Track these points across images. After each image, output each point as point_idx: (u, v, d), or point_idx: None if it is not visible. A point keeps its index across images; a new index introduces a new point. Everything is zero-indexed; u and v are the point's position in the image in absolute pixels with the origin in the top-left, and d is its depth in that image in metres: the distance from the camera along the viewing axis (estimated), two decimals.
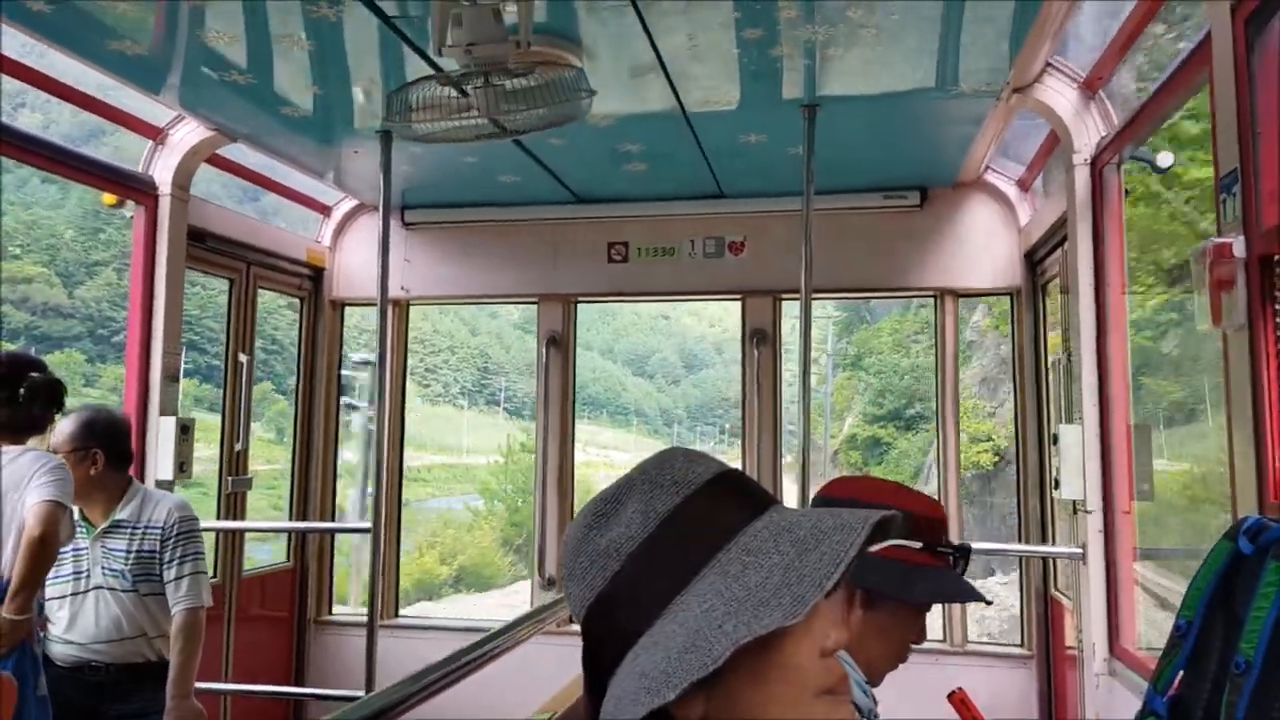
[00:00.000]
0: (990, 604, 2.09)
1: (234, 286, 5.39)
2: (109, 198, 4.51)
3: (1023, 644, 5.16)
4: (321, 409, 6.04)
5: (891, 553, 1.65)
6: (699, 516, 0.92)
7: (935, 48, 3.47)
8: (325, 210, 6.10)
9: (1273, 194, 2.40)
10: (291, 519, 6.02)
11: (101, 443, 3.47)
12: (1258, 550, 1.59)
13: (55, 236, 36.95)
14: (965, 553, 1.72)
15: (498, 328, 56.75)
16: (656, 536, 0.92)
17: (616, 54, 3.55)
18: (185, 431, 4.56)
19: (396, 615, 6.02)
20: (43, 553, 2.97)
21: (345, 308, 6.22)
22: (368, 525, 4.65)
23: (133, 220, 4.60)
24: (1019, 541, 5.38)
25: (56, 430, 3.43)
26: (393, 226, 5.08)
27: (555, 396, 5.86)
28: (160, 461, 4.48)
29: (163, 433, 4.50)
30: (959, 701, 1.85)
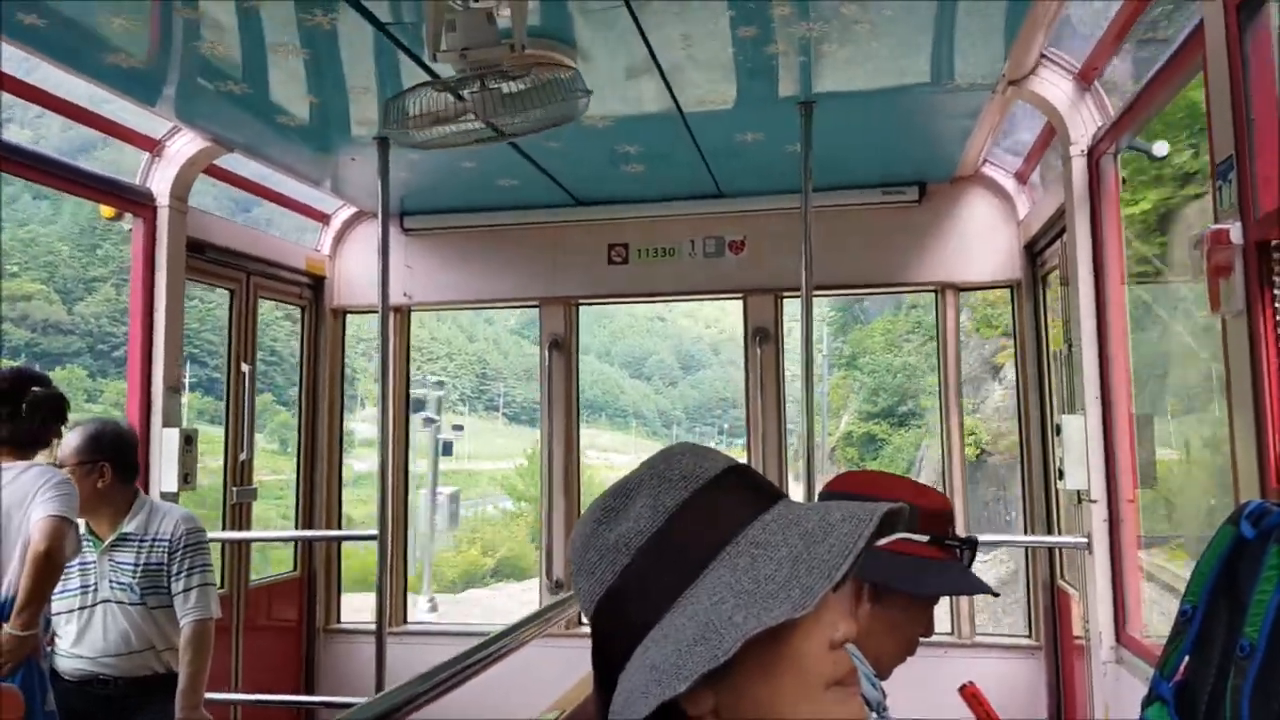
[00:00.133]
0: (998, 595, 2.09)
1: (234, 297, 5.40)
2: (107, 210, 4.52)
3: (1030, 635, 5.15)
4: (325, 417, 6.04)
5: (898, 546, 1.65)
6: (707, 510, 0.93)
7: (930, 42, 3.48)
8: (324, 219, 6.11)
9: (1269, 179, 2.40)
10: (298, 528, 6.02)
11: (109, 455, 3.46)
12: (1260, 534, 1.59)
13: (53, 253, 37.02)
14: (972, 545, 1.72)
15: (495, 334, 56.85)
16: (665, 530, 0.92)
17: (611, 55, 3.56)
18: (189, 443, 4.56)
19: (405, 622, 6.02)
20: (48, 568, 2.97)
21: (346, 316, 6.22)
22: (374, 533, 4.66)
23: (131, 234, 4.61)
24: (1025, 533, 5.38)
25: (63, 443, 3.42)
26: (392, 233, 5.08)
27: (559, 400, 5.86)
28: (164, 473, 4.48)
29: (166, 444, 4.50)
30: (970, 695, 1.85)
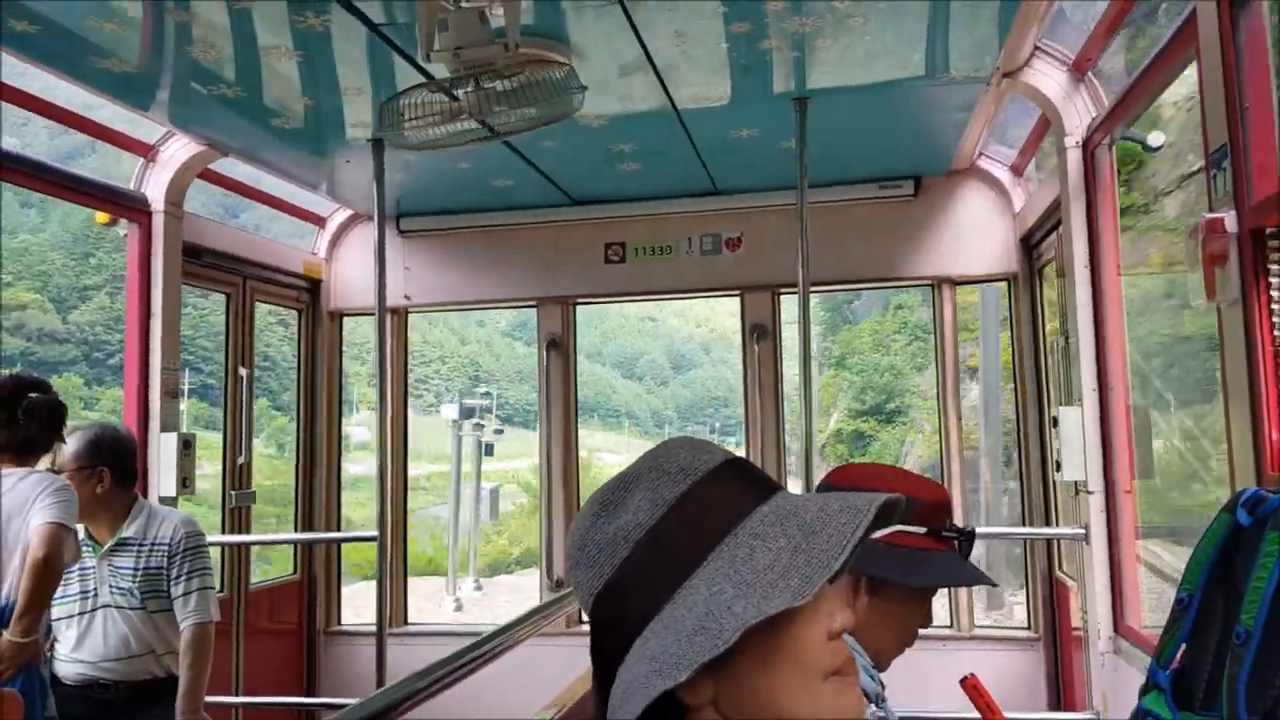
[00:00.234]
0: (996, 585, 2.09)
1: (231, 301, 5.40)
2: (102, 216, 4.51)
3: (1029, 626, 5.16)
4: (324, 420, 6.04)
5: (895, 539, 1.65)
6: (706, 502, 0.93)
7: (923, 35, 3.47)
8: (320, 222, 6.10)
9: (1262, 168, 2.40)
10: (297, 530, 6.02)
11: (108, 461, 3.46)
12: (1256, 522, 1.59)
13: (46, 262, 37.07)
14: (969, 537, 1.72)
15: (486, 336, 56.89)
16: (664, 523, 0.92)
17: (605, 53, 3.55)
18: (187, 447, 4.56)
19: (406, 623, 6.02)
20: (47, 575, 2.96)
21: (343, 318, 6.22)
22: (374, 534, 4.66)
23: (125, 240, 4.61)
24: (1023, 524, 5.39)
25: (63, 449, 3.43)
26: (389, 235, 5.08)
27: (557, 399, 5.86)
28: (163, 478, 4.48)
29: (164, 449, 4.50)
30: (971, 688, 1.84)
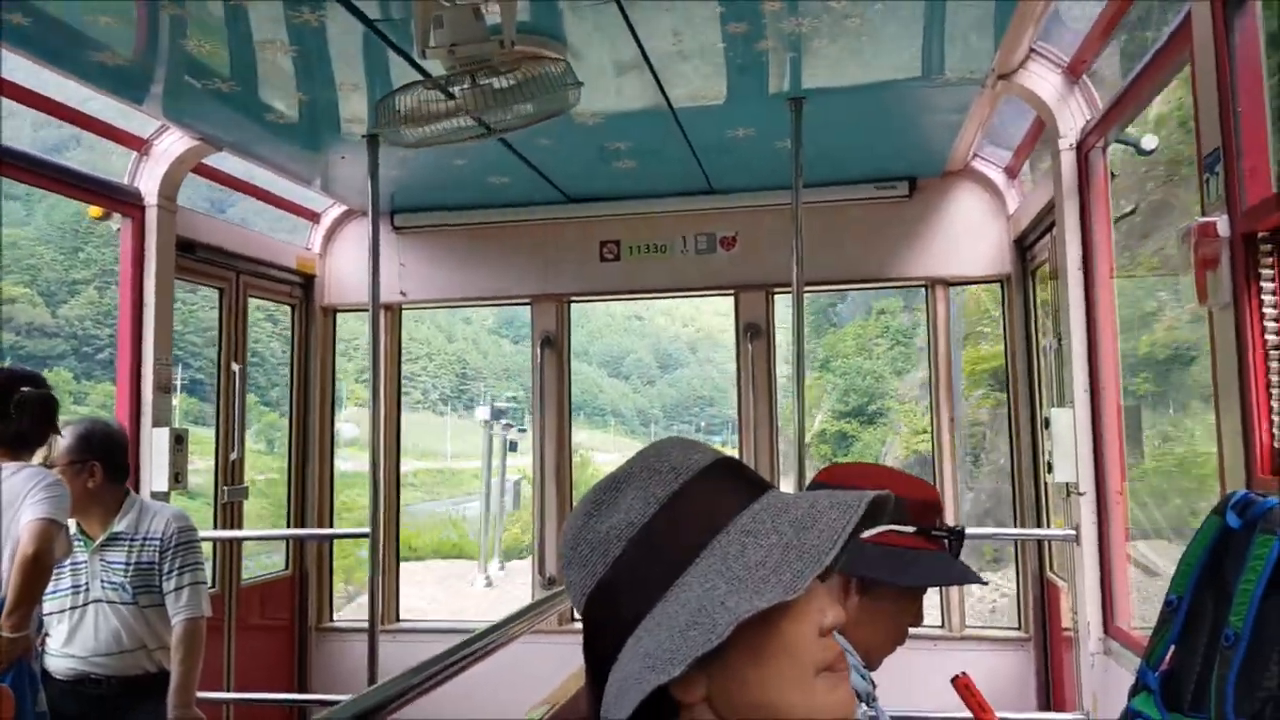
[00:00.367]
0: (986, 584, 2.09)
1: (224, 296, 5.39)
2: (95, 210, 4.49)
3: (1020, 627, 5.17)
4: (316, 416, 6.03)
5: (885, 538, 1.65)
6: (698, 501, 0.94)
7: (919, 36, 3.48)
8: (314, 217, 6.09)
9: (1255, 172, 2.41)
10: (289, 526, 6.02)
11: (99, 455, 3.45)
12: (1245, 524, 1.60)
13: (35, 257, 37.02)
14: (959, 536, 1.72)
15: (473, 333, 56.94)
16: (657, 521, 0.93)
17: (601, 51, 3.55)
18: (179, 442, 4.54)
19: (397, 620, 6.02)
20: (36, 571, 2.96)
21: (336, 314, 6.21)
22: (366, 530, 4.65)
23: (118, 234, 4.59)
24: (1014, 525, 5.40)
25: (56, 443, 3.42)
26: (383, 231, 5.07)
27: (550, 396, 5.86)
28: (155, 473, 4.47)
29: (156, 444, 4.49)
30: (963, 686, 1.85)
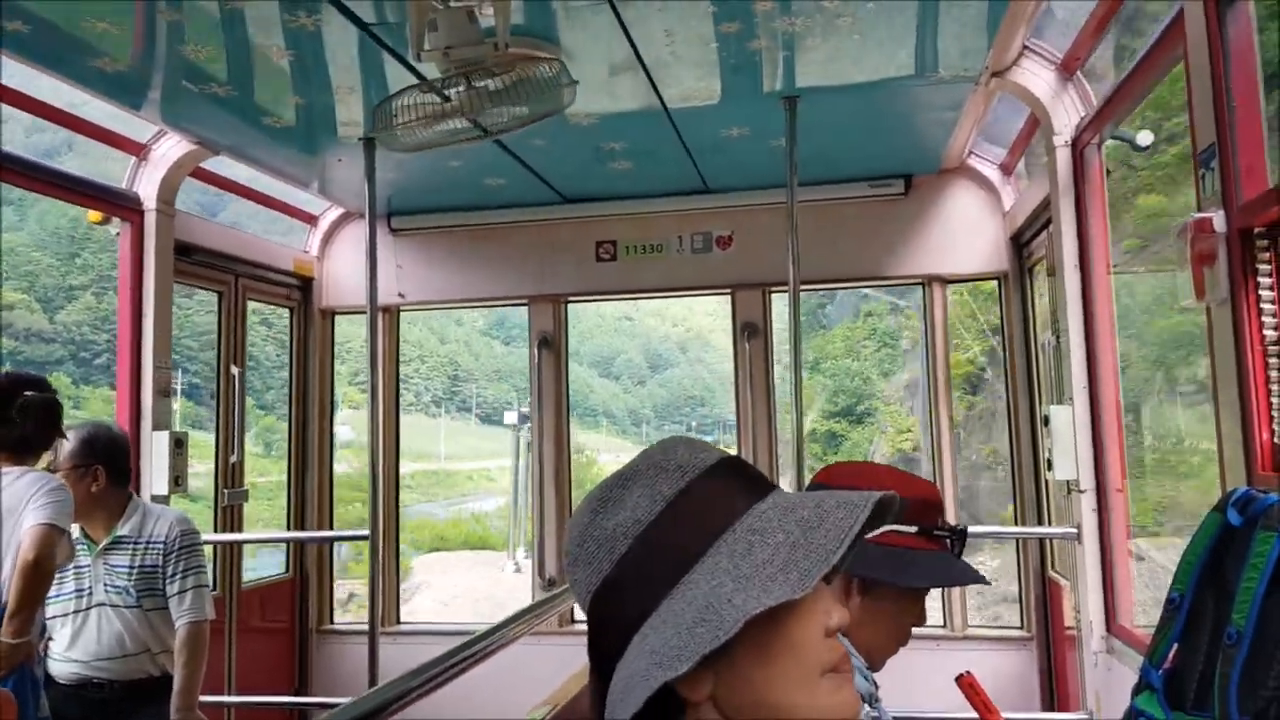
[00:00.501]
0: (990, 584, 2.09)
1: (222, 299, 5.39)
2: (94, 215, 4.50)
3: (1022, 625, 5.17)
4: (315, 419, 6.03)
5: (886, 539, 1.64)
6: (704, 499, 0.94)
7: (912, 34, 3.49)
8: (312, 220, 6.09)
9: (1251, 167, 2.41)
10: (289, 529, 6.01)
11: (102, 459, 3.46)
12: (1246, 521, 1.60)
13: (33, 263, 37.03)
14: (961, 535, 1.71)
15: (465, 335, 56.95)
16: (663, 519, 0.93)
17: (595, 53, 3.56)
18: (179, 446, 4.55)
19: (398, 622, 6.02)
20: (36, 577, 2.95)
21: (335, 317, 6.21)
22: (365, 533, 4.66)
23: (109, 240, 4.59)
24: (1014, 523, 5.40)
25: (61, 447, 3.42)
26: (380, 233, 5.07)
27: (549, 397, 5.87)
28: (155, 476, 4.47)
29: (156, 447, 4.49)
30: (967, 685, 1.84)
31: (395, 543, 6.17)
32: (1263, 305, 2.31)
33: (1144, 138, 4.18)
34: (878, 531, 1.62)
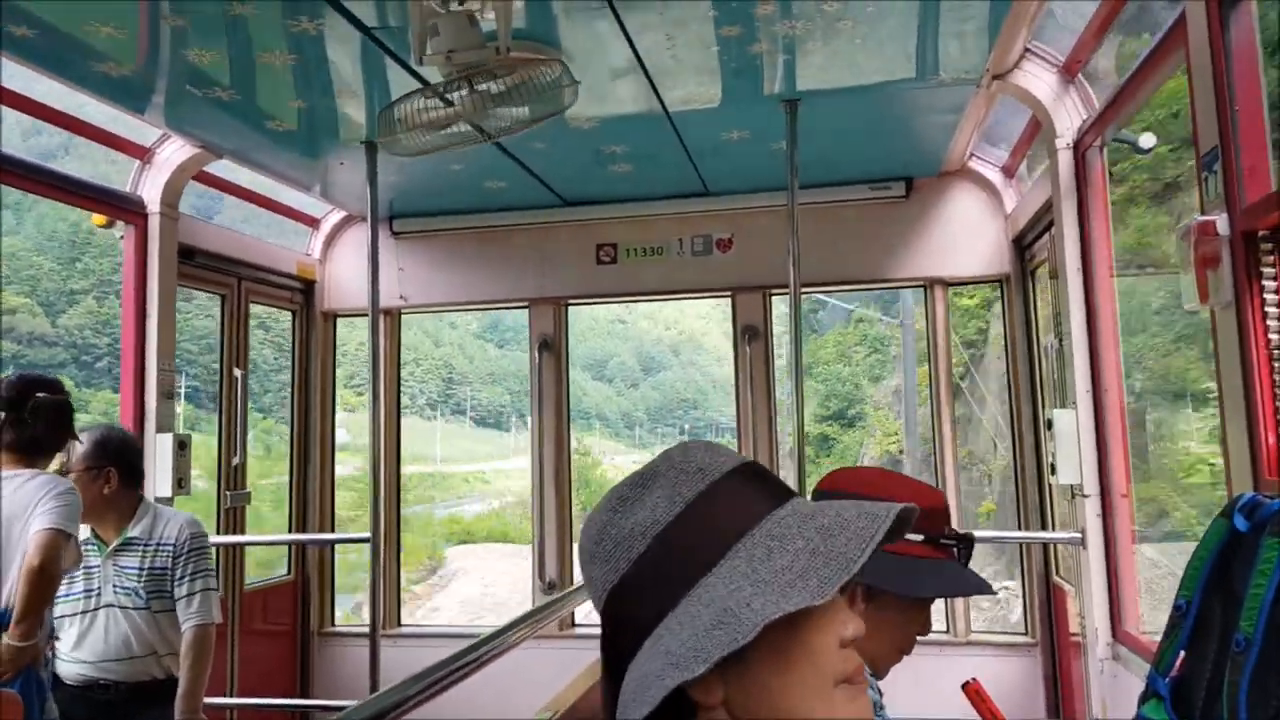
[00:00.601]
0: (997, 594, 2.07)
1: (225, 302, 5.39)
2: (98, 218, 4.51)
3: (1026, 632, 5.15)
4: (318, 421, 6.02)
5: (892, 546, 1.63)
6: (724, 503, 0.94)
7: (913, 37, 3.48)
8: (314, 223, 6.09)
9: (1254, 169, 2.41)
10: (291, 531, 6.01)
11: (115, 461, 3.46)
12: (1254, 527, 1.58)
13: (35, 267, 37.08)
14: (968, 543, 1.70)
15: (459, 338, 56.99)
16: (682, 520, 0.93)
17: (596, 56, 3.55)
18: (182, 448, 4.55)
19: (399, 624, 6.01)
20: (41, 581, 2.95)
21: (337, 319, 6.21)
22: (367, 535, 4.65)
23: (108, 245, 4.60)
24: (1019, 528, 5.39)
25: (74, 448, 3.42)
26: (382, 236, 5.07)
27: (549, 400, 5.87)
28: (158, 478, 4.47)
29: (160, 449, 4.49)
30: (973, 692, 1.83)
31: (396, 546, 6.16)
32: (1267, 309, 2.31)
33: (1146, 140, 4.18)
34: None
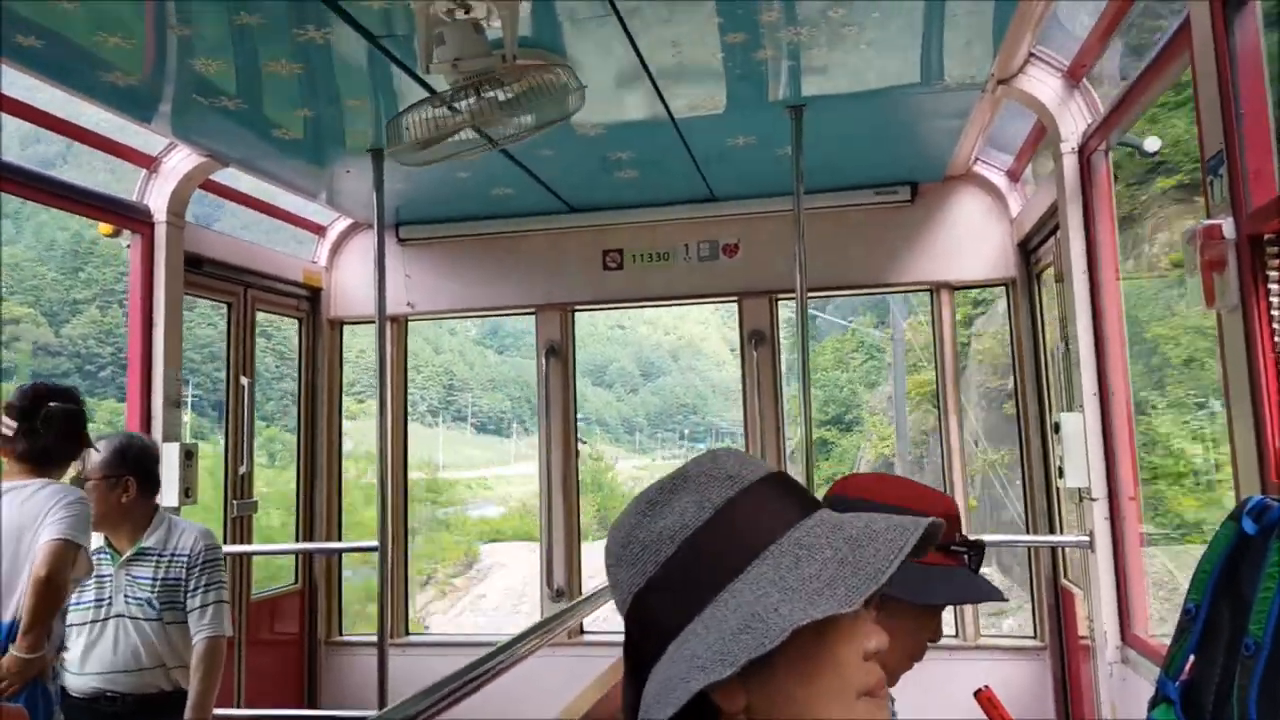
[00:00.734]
0: (1007, 600, 2.06)
1: (231, 310, 5.40)
2: (105, 227, 4.52)
3: (1035, 635, 5.14)
4: (324, 429, 6.03)
5: None
6: (753, 510, 0.94)
7: (918, 43, 3.49)
8: (320, 230, 6.11)
9: (1259, 173, 2.41)
10: (298, 540, 6.01)
11: (134, 470, 3.46)
12: (1262, 530, 1.58)
13: (38, 277, 37.22)
14: (979, 550, 1.69)
15: (459, 344, 56.98)
16: (711, 525, 0.93)
17: (602, 63, 3.57)
18: (189, 457, 4.55)
19: (407, 634, 6.01)
20: (48, 592, 2.94)
21: (343, 327, 6.22)
22: (375, 544, 4.66)
23: (109, 255, 4.62)
24: (1026, 532, 5.38)
25: (90, 457, 3.40)
26: (388, 244, 5.08)
27: (556, 406, 5.87)
28: (165, 488, 4.46)
29: (166, 459, 4.49)
30: (986, 700, 1.82)
31: (405, 554, 6.16)
32: (1274, 312, 2.31)
33: (1151, 143, 4.18)
34: None
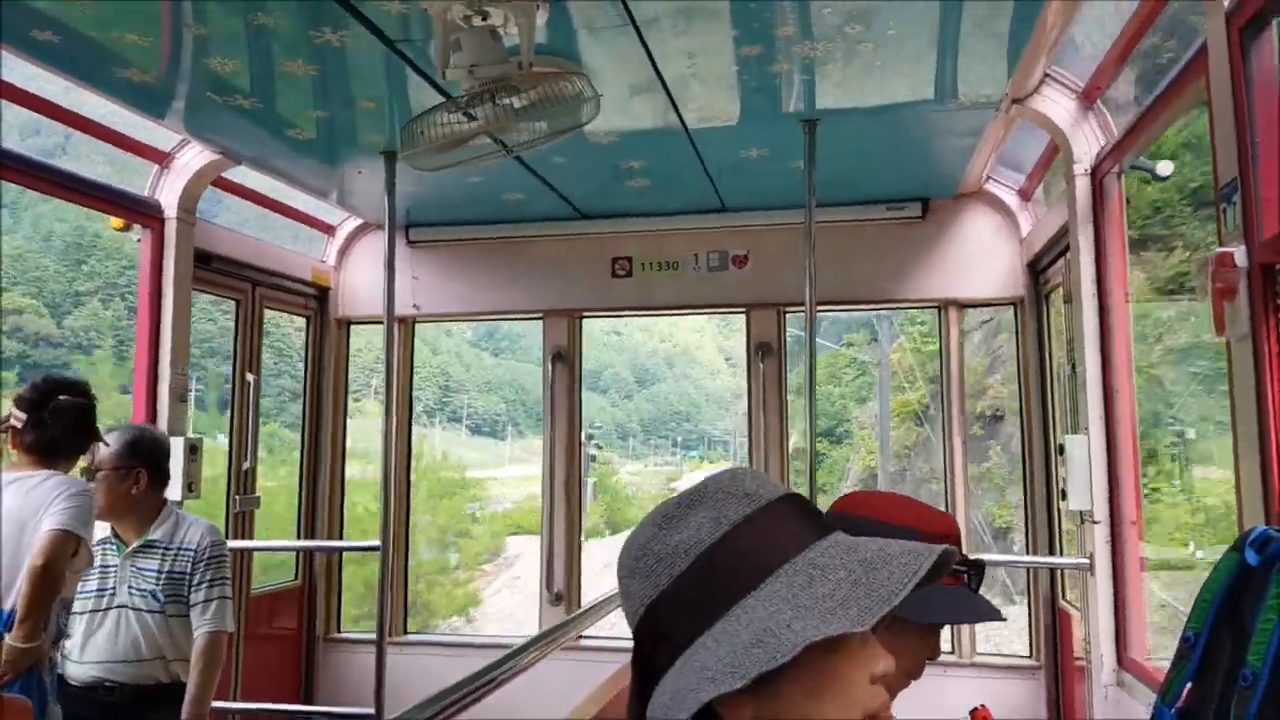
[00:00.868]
0: (1005, 620, 2.06)
1: (240, 307, 5.42)
2: (116, 221, 4.54)
3: (1031, 655, 5.14)
4: (329, 427, 6.04)
5: None
6: (769, 528, 0.95)
7: (933, 61, 3.49)
8: (329, 230, 6.13)
9: (1272, 202, 2.41)
10: (300, 537, 6.02)
11: (145, 462, 3.47)
12: (1264, 562, 1.58)
13: (41, 269, 37.31)
14: (979, 570, 1.70)
15: (455, 346, 57.06)
16: (726, 541, 0.94)
17: (617, 73, 3.58)
18: (194, 452, 4.57)
19: (405, 632, 6.02)
20: (44, 582, 2.94)
21: (350, 326, 6.23)
22: (376, 543, 4.66)
23: (111, 249, 4.65)
24: (1026, 552, 5.37)
25: (99, 449, 3.41)
26: (398, 245, 5.09)
27: (561, 411, 5.87)
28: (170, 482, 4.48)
29: (172, 453, 4.50)
30: (981, 719, 1.83)
31: (405, 553, 6.17)
32: None
33: (1164, 167, 4.18)
34: None
